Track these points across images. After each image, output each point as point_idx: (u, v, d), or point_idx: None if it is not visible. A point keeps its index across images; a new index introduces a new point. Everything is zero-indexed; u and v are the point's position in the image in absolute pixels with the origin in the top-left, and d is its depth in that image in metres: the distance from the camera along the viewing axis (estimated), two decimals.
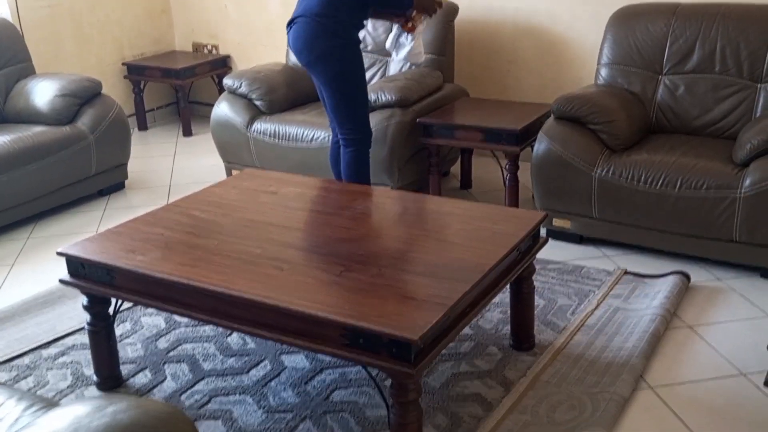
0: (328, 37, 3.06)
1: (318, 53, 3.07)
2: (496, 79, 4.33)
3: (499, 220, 2.43)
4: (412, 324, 1.81)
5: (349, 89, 3.13)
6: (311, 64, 3.12)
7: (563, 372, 2.39)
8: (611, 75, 3.53)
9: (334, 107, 3.17)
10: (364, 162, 3.25)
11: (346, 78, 3.11)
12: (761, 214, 2.80)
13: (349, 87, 3.13)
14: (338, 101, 3.15)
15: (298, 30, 3.10)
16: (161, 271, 2.13)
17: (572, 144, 3.15)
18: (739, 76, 3.28)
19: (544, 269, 3.06)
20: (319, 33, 3.05)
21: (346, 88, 3.12)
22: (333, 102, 3.16)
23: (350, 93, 3.14)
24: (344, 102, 3.14)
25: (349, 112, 3.16)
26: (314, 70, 3.14)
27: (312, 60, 3.10)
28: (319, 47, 3.06)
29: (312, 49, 3.07)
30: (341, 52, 3.09)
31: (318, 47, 3.06)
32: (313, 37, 3.06)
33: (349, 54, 3.11)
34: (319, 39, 3.06)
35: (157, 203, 3.87)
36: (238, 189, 2.75)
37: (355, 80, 3.14)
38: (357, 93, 3.16)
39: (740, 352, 2.48)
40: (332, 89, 3.12)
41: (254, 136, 3.90)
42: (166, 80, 5.07)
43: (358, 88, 3.16)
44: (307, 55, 3.10)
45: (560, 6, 4.05)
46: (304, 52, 3.10)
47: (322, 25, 3.05)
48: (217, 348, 2.60)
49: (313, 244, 2.30)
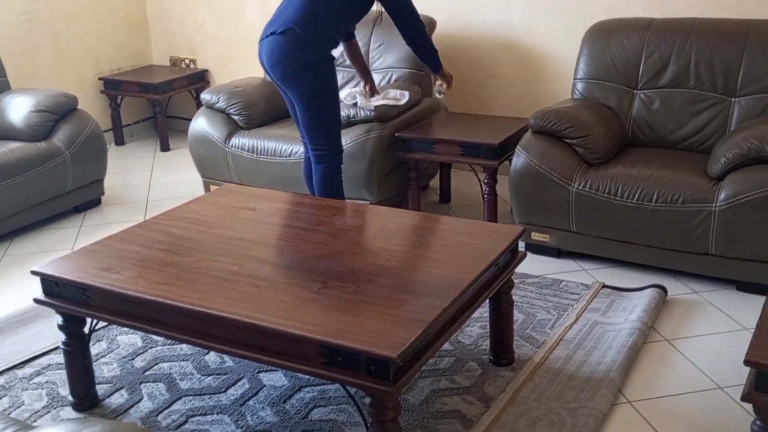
0: (307, 51, 3.05)
1: (295, 67, 3.06)
2: (475, 92, 4.35)
3: (477, 235, 2.43)
4: (391, 341, 1.80)
5: (324, 104, 3.13)
6: (287, 77, 3.10)
7: (542, 387, 2.39)
8: (588, 89, 3.56)
9: (308, 122, 3.16)
10: (336, 178, 3.24)
11: (322, 93, 3.11)
12: (736, 227, 2.83)
13: (324, 102, 3.12)
14: (312, 116, 3.14)
15: (274, 43, 3.09)
16: (137, 289, 2.11)
17: (550, 158, 3.17)
18: (713, 91, 3.32)
19: (523, 283, 3.07)
20: (297, 46, 3.05)
21: (321, 103, 3.12)
22: (306, 117, 3.15)
23: (324, 108, 3.13)
24: (318, 117, 3.14)
25: (322, 127, 3.16)
26: (290, 84, 3.12)
27: (289, 73, 3.09)
28: (296, 61, 3.05)
29: (289, 63, 3.06)
30: (318, 66, 3.08)
31: (295, 61, 3.05)
32: (291, 50, 3.05)
33: (326, 69, 3.11)
34: (297, 53, 3.05)
35: (134, 219, 3.84)
36: (215, 205, 2.73)
37: (330, 96, 3.14)
38: (331, 109, 3.15)
39: (718, 366, 2.50)
40: (306, 104, 3.11)
41: (232, 151, 3.88)
42: (144, 95, 5.04)
43: (332, 104, 3.16)
44: (284, 68, 3.09)
45: (537, 20, 4.08)
46: (280, 65, 3.09)
47: (300, 39, 3.04)
48: (195, 367, 2.58)
49: (291, 261, 2.28)
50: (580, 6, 3.94)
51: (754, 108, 3.23)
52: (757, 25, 3.28)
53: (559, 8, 4.01)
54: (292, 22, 3.06)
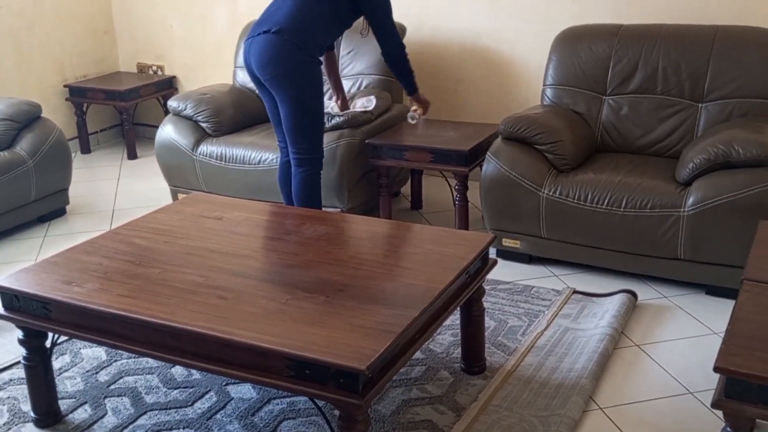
0: (298, 53, 3.03)
1: (285, 68, 3.03)
2: (444, 99, 4.34)
3: (447, 243, 2.41)
4: (360, 353, 1.77)
5: (310, 108, 3.10)
6: (276, 78, 3.06)
7: (514, 395, 2.38)
8: (557, 95, 3.57)
9: (292, 126, 3.12)
10: (316, 183, 3.21)
11: (309, 96, 3.09)
12: (705, 232, 2.85)
13: (311, 106, 3.10)
14: (298, 120, 3.10)
15: (265, 43, 3.05)
16: (98, 303, 2.05)
17: (519, 164, 3.16)
18: (680, 96, 3.35)
19: (494, 290, 3.06)
20: (289, 48, 3.02)
21: (308, 106, 3.09)
22: (292, 120, 3.11)
23: (310, 112, 3.11)
24: (303, 121, 3.11)
25: (306, 131, 3.13)
26: (279, 85, 3.07)
27: (278, 75, 3.05)
28: (287, 62, 3.03)
29: (279, 64, 3.03)
30: (308, 69, 3.07)
31: (286, 62, 3.03)
32: (282, 51, 3.02)
33: (314, 72, 3.10)
34: (288, 54, 3.03)
35: (100, 229, 3.77)
36: (181, 214, 2.68)
37: (317, 99, 3.12)
38: (316, 113, 3.13)
39: (687, 371, 2.50)
40: (293, 106, 3.08)
41: (200, 158, 3.82)
42: (110, 102, 4.95)
43: (318, 108, 3.14)
44: (274, 69, 3.05)
45: (505, 26, 4.09)
46: (270, 66, 3.05)
47: (292, 40, 3.02)
48: (161, 380, 2.52)
49: (259, 272, 2.24)
50: (548, 12, 3.96)
51: (721, 113, 3.26)
52: (723, 31, 3.31)
53: (527, 14, 4.02)
54: (284, 23, 3.03)
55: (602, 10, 3.81)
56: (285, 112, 3.11)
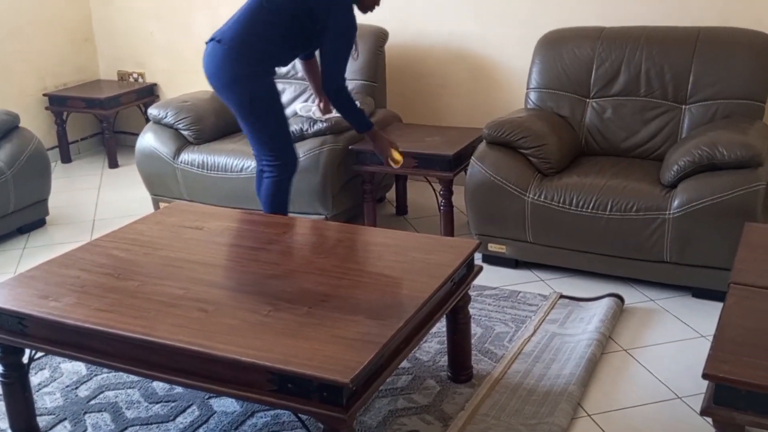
0: (238, 64, 3.01)
1: (227, 79, 3.03)
2: (428, 103, 4.32)
3: (432, 250, 2.38)
4: (343, 366, 1.73)
5: (260, 117, 3.07)
6: (221, 89, 3.08)
7: (501, 403, 2.35)
8: (541, 99, 3.55)
9: (248, 134, 3.15)
10: (281, 190, 3.15)
11: (256, 106, 3.05)
12: (690, 234, 2.84)
13: (259, 114, 3.07)
14: (250, 128, 3.11)
15: (212, 52, 3.07)
16: (75, 317, 2.01)
17: (504, 169, 3.14)
18: (664, 98, 3.34)
19: (480, 296, 3.03)
20: (230, 58, 3.01)
21: (256, 115, 3.07)
22: (245, 129, 3.14)
23: (261, 120, 3.08)
24: (256, 129, 3.10)
25: (264, 138, 3.11)
26: (224, 96, 3.10)
27: (222, 85, 3.06)
28: (229, 73, 3.02)
29: (222, 74, 3.04)
30: (250, 80, 3.03)
31: (228, 73, 3.02)
32: (224, 61, 3.02)
33: (259, 83, 3.04)
34: (229, 64, 3.02)
35: (81, 240, 3.71)
36: (161, 225, 2.63)
37: (266, 108, 3.07)
38: (269, 120, 3.09)
39: (676, 375, 2.48)
40: (242, 116, 3.09)
41: (182, 167, 3.77)
42: (90, 111, 4.89)
43: (270, 116, 3.09)
44: (218, 79, 3.07)
45: (489, 30, 4.07)
46: (215, 77, 3.07)
47: (233, 51, 3.01)
48: (142, 394, 2.47)
49: (240, 283, 2.20)
50: (531, 15, 3.94)
51: (705, 115, 3.25)
52: (705, 32, 3.31)
53: (510, 18, 4.00)
54: (229, 33, 3.04)
55: (585, 13, 3.80)
56: (239, 121, 3.15)
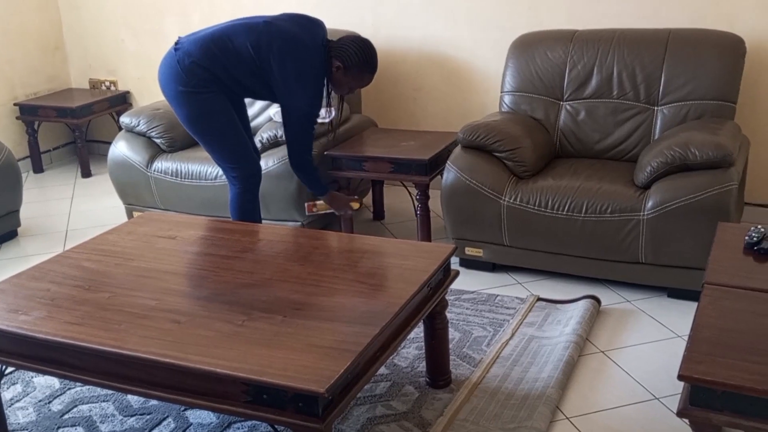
0: (179, 83, 2.97)
1: (171, 94, 3.02)
2: (403, 108, 4.31)
3: (408, 255, 2.37)
4: (319, 375, 1.71)
5: (206, 132, 3.05)
6: (168, 100, 3.08)
7: (480, 408, 2.34)
8: (515, 102, 3.56)
9: (203, 147, 3.14)
10: (246, 202, 3.13)
11: (200, 123, 3.03)
12: (664, 235, 2.85)
13: (206, 130, 3.04)
14: (202, 142, 3.11)
15: (164, 60, 3.06)
16: (45, 331, 1.97)
17: (480, 173, 3.14)
18: (636, 100, 3.36)
19: (458, 300, 3.02)
20: (173, 76, 2.98)
21: (203, 131, 3.05)
22: (198, 142, 3.14)
23: (208, 136, 3.06)
24: (208, 143, 3.08)
25: (218, 151, 3.09)
26: (173, 109, 3.10)
27: (168, 98, 3.06)
28: (172, 89, 3.01)
29: (167, 88, 3.03)
30: (191, 99, 2.99)
31: (171, 89, 3.01)
32: (170, 75, 3.00)
33: (200, 101, 2.98)
34: (172, 81, 2.99)
35: (53, 251, 3.66)
36: (133, 235, 2.59)
37: (211, 124, 3.03)
38: (216, 136, 3.04)
39: (653, 376, 2.49)
40: (190, 130, 3.09)
41: (155, 175, 3.73)
42: (62, 120, 4.83)
43: (217, 132, 3.04)
44: (165, 91, 3.06)
45: (462, 33, 4.07)
46: (163, 87, 3.07)
47: (178, 70, 2.97)
48: (116, 407, 2.43)
49: (214, 293, 2.17)
50: (503, 19, 3.96)
51: (676, 116, 3.27)
52: (676, 34, 3.34)
53: (482, 21, 4.01)
54: (190, 48, 2.98)
55: (556, 16, 3.82)
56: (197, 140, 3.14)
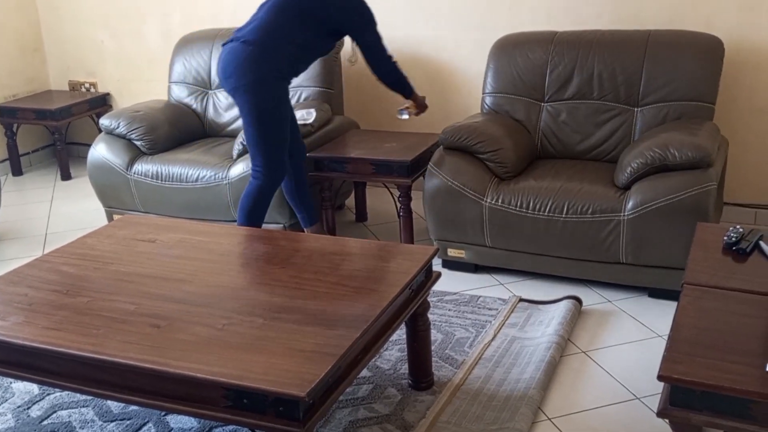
0: (264, 66, 2.97)
1: (248, 80, 2.97)
2: (385, 109, 4.30)
3: (389, 257, 2.36)
4: (299, 379, 1.71)
5: (269, 125, 3.04)
6: (237, 90, 3.02)
7: (463, 410, 2.34)
8: (496, 103, 3.56)
9: (249, 139, 3.09)
10: (262, 199, 3.15)
11: (270, 112, 3.03)
12: (645, 235, 2.87)
13: (270, 122, 3.04)
14: (254, 134, 3.06)
15: (233, 52, 3.01)
16: (23, 337, 1.94)
17: (461, 174, 3.14)
18: (616, 101, 3.37)
19: (441, 301, 3.02)
20: (255, 59, 2.96)
21: (266, 122, 3.04)
22: (249, 134, 3.08)
23: (269, 129, 3.05)
24: (260, 136, 3.05)
25: (262, 148, 3.08)
26: (239, 98, 3.03)
27: (239, 86, 3.00)
28: (250, 74, 2.97)
29: (243, 75, 2.98)
30: (272, 84, 3.00)
31: (249, 74, 2.97)
32: (247, 62, 2.97)
33: (279, 88, 3.04)
34: (253, 65, 2.97)
35: (32, 255, 3.62)
36: (112, 238, 2.57)
37: (277, 117, 3.05)
38: (275, 130, 3.07)
39: (634, 376, 2.50)
40: (251, 121, 3.04)
41: (135, 178, 3.70)
42: (41, 122, 4.78)
43: (278, 126, 3.07)
44: (236, 80, 3.00)
45: (443, 34, 4.08)
46: (234, 77, 3.00)
47: (259, 52, 2.97)
48: (96, 413, 2.41)
49: (194, 296, 2.15)
50: (484, 20, 3.96)
51: (656, 117, 3.29)
52: (655, 35, 3.36)
53: (465, 22, 4.02)
54: (256, 34, 2.98)
55: (537, 18, 3.83)
56: (244, 125, 3.09)
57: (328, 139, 3.75)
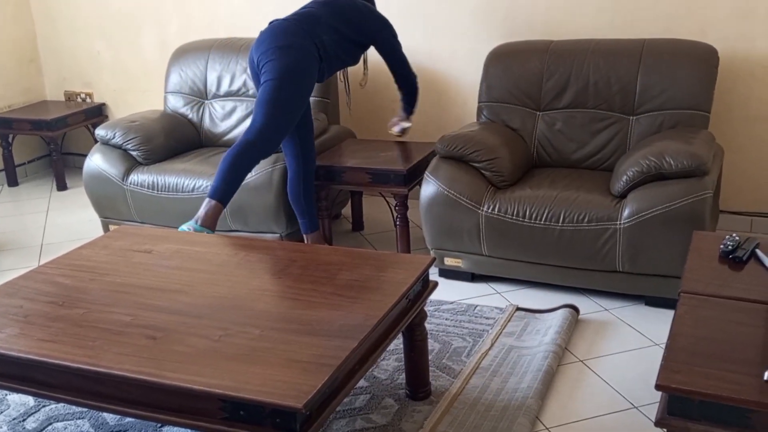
0: (301, 38, 3.14)
1: (285, 42, 3.11)
2: (381, 118, 4.31)
3: (386, 267, 2.36)
4: (296, 390, 1.70)
5: (284, 90, 3.08)
6: (272, 51, 3.11)
7: (460, 420, 2.33)
8: (492, 112, 3.57)
9: (260, 97, 3.09)
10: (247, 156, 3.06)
11: (293, 80, 3.10)
12: (641, 243, 2.87)
13: (286, 88, 3.09)
14: (267, 92, 3.08)
15: (274, 28, 3.19)
16: (18, 349, 1.93)
17: (458, 183, 3.15)
18: (611, 110, 3.38)
19: (437, 310, 3.02)
20: (297, 32, 3.14)
21: (283, 86, 3.08)
22: (263, 93, 3.10)
23: (283, 94, 3.08)
24: (271, 96, 3.07)
25: (269, 111, 3.07)
26: (271, 59, 3.10)
27: (276, 47, 3.11)
28: (288, 38, 3.12)
29: (284, 38, 3.12)
30: (307, 58, 3.14)
31: (288, 38, 3.12)
32: (288, 31, 3.14)
33: (311, 66, 3.16)
34: (293, 34, 3.14)
35: (28, 266, 3.61)
36: (108, 249, 2.56)
37: (296, 89, 3.11)
38: (288, 100, 3.10)
39: (632, 384, 2.50)
40: (270, 78, 3.07)
41: (131, 188, 3.70)
42: (37, 132, 4.77)
43: (292, 97, 3.11)
44: (275, 41, 3.12)
45: (440, 44, 4.09)
46: (274, 40, 3.13)
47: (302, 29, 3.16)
48: (92, 425, 2.39)
49: (190, 307, 2.15)
50: (479, 29, 3.98)
51: (652, 125, 3.30)
52: (650, 44, 3.37)
53: (460, 32, 4.03)
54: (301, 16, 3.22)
55: (532, 27, 3.85)
56: (261, 87, 3.13)
57: (325, 148, 3.76)
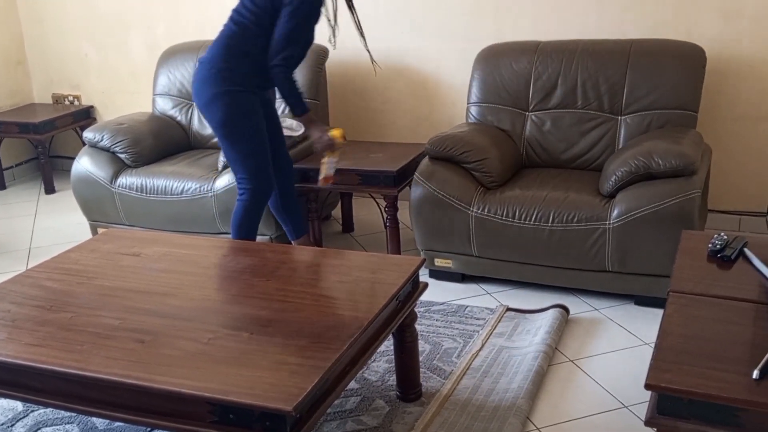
0: (220, 82, 3.02)
1: (207, 98, 3.04)
2: (371, 119, 4.31)
3: (376, 269, 2.36)
4: (286, 393, 1.69)
5: (235, 139, 3.06)
6: (201, 108, 3.09)
7: (451, 421, 2.33)
8: (481, 113, 3.57)
9: (225, 154, 3.15)
10: (251, 214, 3.16)
11: (234, 125, 3.04)
12: (630, 243, 2.88)
13: (235, 136, 3.06)
14: (226, 148, 3.11)
15: (195, 73, 3.12)
16: (5, 354, 1.92)
17: (448, 184, 3.14)
18: (600, 110, 3.39)
19: (428, 311, 3.02)
20: (211, 77, 3.03)
21: (231, 137, 3.06)
22: (223, 148, 3.14)
23: (237, 141, 3.07)
24: (231, 151, 3.09)
25: (238, 161, 3.10)
26: (204, 115, 3.11)
27: (202, 105, 3.07)
28: (208, 91, 3.03)
29: (202, 93, 3.05)
30: (230, 98, 3.02)
31: (207, 91, 3.03)
32: (205, 80, 3.04)
33: (239, 101, 3.04)
34: (210, 83, 3.03)
35: (16, 269, 3.59)
36: (97, 252, 2.55)
37: (243, 128, 3.06)
38: (243, 143, 3.07)
39: (621, 384, 2.50)
40: (219, 135, 3.09)
41: (120, 191, 3.68)
42: (24, 135, 4.74)
43: (245, 138, 3.07)
44: (198, 99, 3.09)
45: (429, 45, 4.09)
46: (197, 96, 3.10)
47: (214, 70, 3.03)
48: (81, 429, 2.38)
49: (179, 310, 2.14)
50: (467, 30, 3.98)
51: (640, 125, 3.31)
52: (638, 44, 3.38)
53: (449, 33, 4.03)
54: (209, 54, 3.06)
55: (520, 27, 3.85)
56: (219, 143, 3.15)
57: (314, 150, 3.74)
